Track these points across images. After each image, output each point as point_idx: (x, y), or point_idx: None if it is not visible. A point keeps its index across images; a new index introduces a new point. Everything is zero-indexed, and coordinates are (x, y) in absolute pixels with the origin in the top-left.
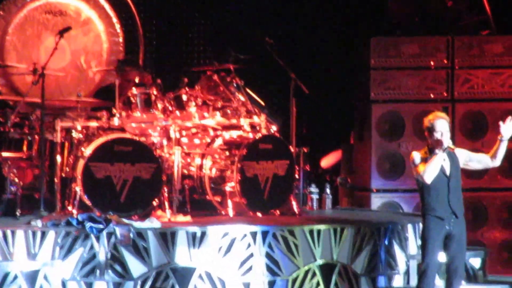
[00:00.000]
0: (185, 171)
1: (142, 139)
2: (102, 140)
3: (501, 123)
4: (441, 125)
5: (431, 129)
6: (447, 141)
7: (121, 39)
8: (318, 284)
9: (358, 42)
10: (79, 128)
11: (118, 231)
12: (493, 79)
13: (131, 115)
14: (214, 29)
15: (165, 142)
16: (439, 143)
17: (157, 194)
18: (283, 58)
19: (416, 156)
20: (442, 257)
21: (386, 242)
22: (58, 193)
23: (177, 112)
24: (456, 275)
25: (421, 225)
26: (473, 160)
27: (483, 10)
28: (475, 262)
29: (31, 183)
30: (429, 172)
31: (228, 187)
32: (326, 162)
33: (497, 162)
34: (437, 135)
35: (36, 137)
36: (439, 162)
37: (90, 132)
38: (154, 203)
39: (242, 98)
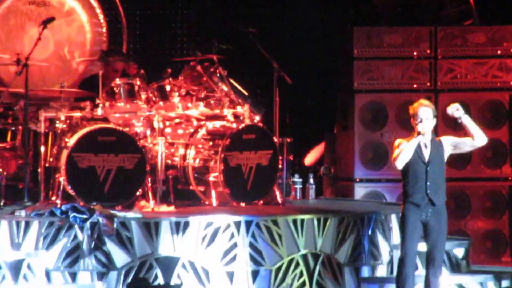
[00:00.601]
0: (169, 161)
1: (126, 129)
2: (85, 130)
3: (447, 110)
4: (423, 113)
5: (413, 116)
6: (422, 128)
7: (104, 30)
8: (301, 274)
9: (341, 32)
10: (62, 118)
11: (102, 221)
12: (476, 69)
13: (115, 106)
14: (197, 20)
15: (148, 132)
16: (415, 130)
17: (140, 184)
18: (266, 48)
19: (396, 142)
20: (423, 246)
21: (370, 232)
22: (41, 183)
23: (161, 103)
24: (434, 266)
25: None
26: (459, 144)
27: (466, 0)
28: (459, 251)
29: (15, 173)
30: (400, 158)
31: (212, 177)
32: (310, 159)
33: (480, 140)
34: (416, 122)
35: (20, 127)
36: (411, 148)
37: (73, 122)
38: (138, 193)
39: (225, 88)
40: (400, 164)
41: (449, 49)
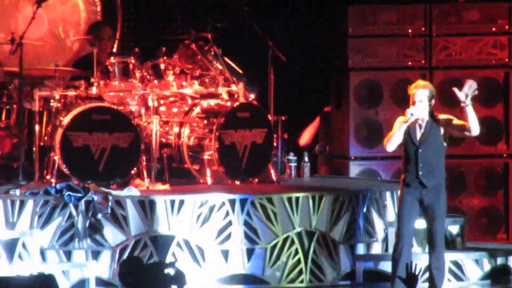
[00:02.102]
0: (163, 140)
1: (120, 108)
2: (80, 109)
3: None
4: (417, 95)
5: (410, 98)
6: (410, 112)
7: (99, 8)
8: (296, 252)
9: (336, 10)
10: (57, 97)
11: (97, 199)
12: (470, 46)
13: (109, 84)
14: None
15: (143, 111)
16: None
17: (135, 163)
18: (261, 26)
19: (397, 120)
20: (419, 224)
21: (365, 210)
22: (36, 162)
23: (155, 81)
24: (433, 243)
25: (398, 192)
26: (453, 127)
27: None
28: (454, 229)
29: (10, 152)
30: (390, 142)
31: (206, 155)
32: (304, 139)
33: (475, 130)
34: (411, 104)
35: (15, 106)
36: (401, 132)
37: (68, 101)
38: (133, 172)
39: (220, 67)
40: (390, 148)
41: (444, 27)
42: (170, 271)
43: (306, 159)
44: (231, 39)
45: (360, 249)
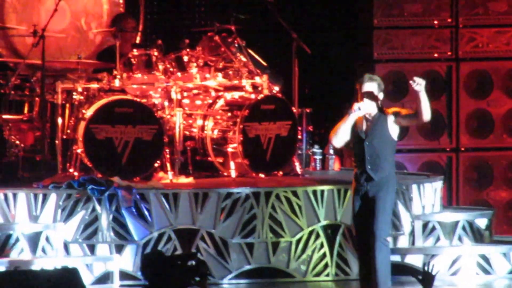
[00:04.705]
0: (187, 133)
1: (143, 100)
2: (103, 101)
3: (411, 83)
4: (365, 88)
5: (359, 92)
6: (358, 105)
7: (121, 0)
8: (322, 245)
9: (361, 2)
10: (80, 90)
11: (120, 193)
12: (497, 37)
13: (132, 77)
14: None
15: (166, 103)
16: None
17: (158, 155)
18: (285, 18)
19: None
20: (446, 217)
21: None
22: (59, 155)
23: (178, 73)
24: (374, 238)
25: (424, 185)
26: (404, 117)
27: None
28: (482, 222)
29: (32, 145)
30: (335, 136)
31: (230, 148)
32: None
33: (426, 116)
34: (359, 97)
35: (37, 99)
36: (347, 126)
37: (91, 94)
38: (156, 165)
39: (243, 59)
40: (336, 143)
41: (471, 18)
42: (192, 262)
43: (331, 151)
44: (255, 31)
45: None
